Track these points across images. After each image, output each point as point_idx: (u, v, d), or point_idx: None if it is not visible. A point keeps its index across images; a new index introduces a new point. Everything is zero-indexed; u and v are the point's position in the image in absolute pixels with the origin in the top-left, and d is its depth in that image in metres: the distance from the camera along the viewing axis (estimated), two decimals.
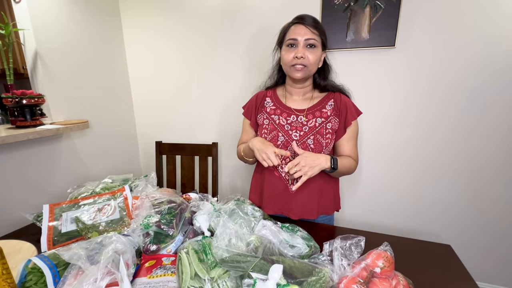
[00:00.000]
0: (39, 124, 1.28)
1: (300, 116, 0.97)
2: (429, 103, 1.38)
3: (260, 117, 1.05)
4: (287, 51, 0.92)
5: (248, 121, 1.10)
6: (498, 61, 1.24)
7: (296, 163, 0.82)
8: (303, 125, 0.96)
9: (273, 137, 0.99)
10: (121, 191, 0.92)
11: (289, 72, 0.94)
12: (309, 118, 0.96)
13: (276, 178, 1.00)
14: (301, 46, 0.88)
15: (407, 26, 1.31)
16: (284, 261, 0.61)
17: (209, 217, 0.83)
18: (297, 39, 0.88)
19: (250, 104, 1.10)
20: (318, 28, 0.89)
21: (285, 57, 0.92)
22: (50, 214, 0.83)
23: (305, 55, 0.88)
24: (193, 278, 0.61)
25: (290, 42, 0.90)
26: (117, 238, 0.65)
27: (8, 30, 1.20)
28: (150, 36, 1.81)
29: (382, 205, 1.58)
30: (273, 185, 1.01)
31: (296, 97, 1.01)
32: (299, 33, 0.88)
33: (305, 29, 0.88)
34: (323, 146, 0.94)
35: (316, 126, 0.95)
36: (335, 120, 0.96)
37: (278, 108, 1.01)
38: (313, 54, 0.89)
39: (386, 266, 0.59)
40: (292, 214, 0.99)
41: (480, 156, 1.37)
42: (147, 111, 1.98)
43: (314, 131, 0.95)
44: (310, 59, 0.89)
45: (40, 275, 0.59)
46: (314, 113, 0.97)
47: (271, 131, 0.99)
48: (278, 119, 0.99)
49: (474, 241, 1.46)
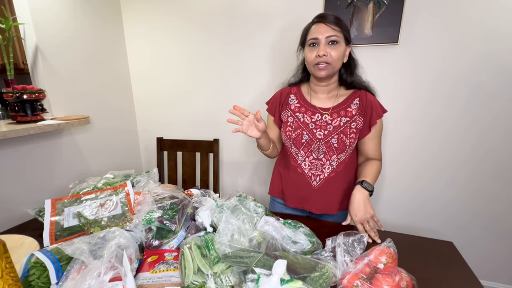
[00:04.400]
0: (40, 119, 1.28)
1: (325, 115, 0.96)
2: (431, 99, 1.37)
3: (284, 114, 1.04)
4: (309, 51, 0.91)
5: (272, 118, 1.09)
6: (501, 58, 1.24)
7: (368, 229, 0.86)
8: (327, 124, 0.95)
9: (298, 135, 0.98)
10: (123, 186, 0.92)
11: (313, 71, 0.94)
12: (334, 117, 0.95)
13: (299, 174, 1.01)
14: (323, 44, 0.88)
15: (410, 23, 1.30)
16: (287, 256, 0.61)
17: (211, 213, 0.83)
18: (318, 37, 0.88)
19: (274, 100, 1.08)
20: (339, 24, 0.88)
21: (308, 57, 0.92)
22: (52, 209, 0.83)
23: (327, 52, 0.87)
24: (196, 273, 0.61)
25: (312, 42, 0.90)
26: (120, 233, 0.65)
27: (8, 25, 1.19)
28: (151, 31, 1.79)
29: (382, 201, 1.59)
30: (295, 181, 1.02)
31: (321, 95, 1.00)
32: (319, 31, 0.88)
33: (325, 27, 0.87)
34: (347, 145, 0.94)
35: (341, 125, 0.94)
36: (359, 120, 0.95)
37: (303, 106, 1.00)
38: (336, 50, 0.88)
39: (389, 262, 0.59)
40: (314, 209, 1.00)
41: (482, 153, 1.36)
42: (148, 107, 1.97)
43: (338, 130, 0.94)
44: (333, 56, 0.88)
45: (43, 269, 0.59)
46: (339, 112, 0.96)
47: (295, 129, 0.99)
48: (303, 117, 0.99)
49: (474, 238, 1.47)
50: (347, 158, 0.97)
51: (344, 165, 0.97)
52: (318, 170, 0.98)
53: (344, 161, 0.97)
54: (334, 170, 0.97)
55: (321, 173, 0.97)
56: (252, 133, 0.88)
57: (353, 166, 1.02)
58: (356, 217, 0.85)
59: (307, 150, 0.97)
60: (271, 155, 1.05)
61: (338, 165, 0.97)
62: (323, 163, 0.97)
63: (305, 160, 0.98)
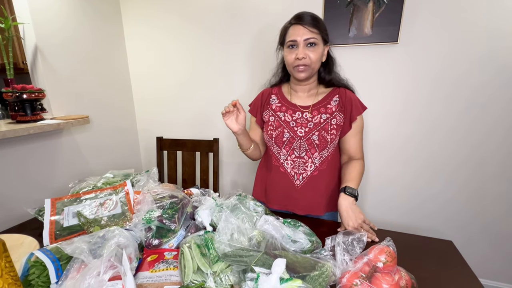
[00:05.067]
0: (40, 119, 1.28)
1: (305, 113, 0.97)
2: (431, 98, 1.37)
3: (266, 114, 1.05)
4: (288, 53, 0.92)
5: (254, 118, 1.10)
6: (502, 58, 1.23)
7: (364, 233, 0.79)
8: (308, 121, 0.96)
9: (279, 134, 0.99)
10: (122, 186, 0.92)
11: (292, 72, 0.95)
12: (314, 114, 0.96)
13: (281, 173, 1.01)
14: (301, 47, 0.88)
15: (410, 22, 1.30)
16: (286, 255, 0.61)
17: (211, 212, 0.83)
18: (297, 40, 0.89)
19: (256, 101, 1.10)
20: (316, 25, 0.88)
21: (287, 58, 0.93)
22: (52, 208, 0.83)
23: (306, 54, 0.88)
24: (195, 272, 0.61)
25: (290, 44, 0.91)
26: (119, 232, 0.65)
27: (7, 24, 1.18)
28: (151, 31, 1.79)
29: (381, 200, 1.59)
30: (278, 181, 1.02)
31: (301, 94, 1.01)
32: (297, 33, 0.88)
33: (303, 29, 0.88)
34: (328, 142, 0.95)
35: (321, 122, 0.95)
36: (340, 116, 0.96)
37: (284, 105, 1.01)
38: (315, 52, 0.89)
39: (389, 261, 0.59)
40: (298, 210, 1.00)
41: (482, 152, 1.36)
42: (148, 107, 1.97)
43: (319, 127, 0.95)
44: (312, 58, 0.89)
45: (42, 269, 0.59)
46: (319, 109, 0.97)
47: (276, 128, 1.00)
48: (284, 116, 1.00)
49: (474, 238, 1.47)
50: (329, 156, 0.98)
51: (327, 164, 0.98)
52: (300, 168, 0.98)
53: (327, 159, 0.98)
54: (317, 168, 0.97)
55: (303, 172, 0.98)
56: (231, 124, 0.89)
57: (337, 165, 1.03)
58: (349, 226, 0.85)
59: (289, 149, 0.98)
60: (253, 156, 1.06)
61: (321, 163, 0.97)
62: (305, 161, 0.97)
63: (287, 158, 0.99)
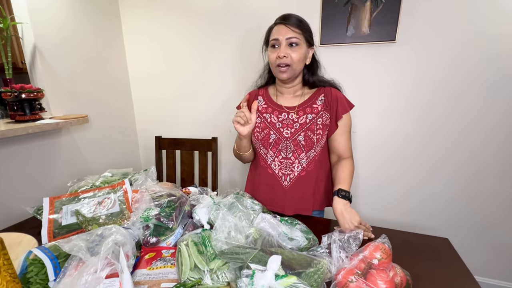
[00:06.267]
0: (39, 118, 1.28)
1: (291, 113, 0.97)
2: (430, 98, 1.37)
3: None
4: (271, 52, 0.93)
5: None
6: (502, 57, 1.23)
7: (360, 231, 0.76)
8: (294, 122, 0.97)
9: (265, 135, 0.99)
10: (121, 184, 0.92)
11: (275, 72, 0.95)
12: (300, 115, 0.97)
13: (269, 175, 1.01)
14: (283, 46, 0.89)
15: (408, 21, 1.30)
16: (282, 253, 0.62)
17: (208, 210, 0.84)
18: (279, 38, 0.89)
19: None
20: (300, 26, 0.89)
21: (270, 58, 0.94)
22: (51, 207, 0.84)
23: (287, 54, 0.88)
24: (192, 269, 0.62)
25: (273, 43, 0.92)
26: (117, 230, 0.65)
27: (6, 24, 1.19)
28: (149, 32, 1.79)
29: (379, 199, 1.59)
30: (266, 182, 1.03)
31: (287, 95, 1.02)
32: (280, 32, 0.89)
33: (286, 28, 0.88)
34: (314, 142, 0.95)
35: (307, 122, 0.96)
36: (326, 115, 0.96)
37: (270, 106, 1.02)
38: (296, 52, 0.89)
39: (384, 258, 0.59)
40: (287, 210, 1.00)
41: (483, 152, 1.36)
42: (147, 106, 1.97)
43: (304, 127, 0.95)
44: (293, 58, 0.89)
45: (41, 266, 0.59)
46: (305, 109, 0.97)
47: (263, 129, 1.00)
48: (270, 117, 1.00)
49: (474, 238, 1.47)
50: (316, 156, 0.98)
51: (314, 164, 0.98)
52: (288, 169, 0.98)
53: (314, 160, 0.97)
54: (305, 169, 0.97)
55: (291, 172, 0.98)
56: (240, 128, 0.92)
57: (324, 166, 1.03)
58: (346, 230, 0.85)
59: (276, 150, 0.98)
60: (249, 158, 1.07)
61: (308, 163, 0.97)
62: (292, 161, 0.97)
63: (274, 160, 0.99)
